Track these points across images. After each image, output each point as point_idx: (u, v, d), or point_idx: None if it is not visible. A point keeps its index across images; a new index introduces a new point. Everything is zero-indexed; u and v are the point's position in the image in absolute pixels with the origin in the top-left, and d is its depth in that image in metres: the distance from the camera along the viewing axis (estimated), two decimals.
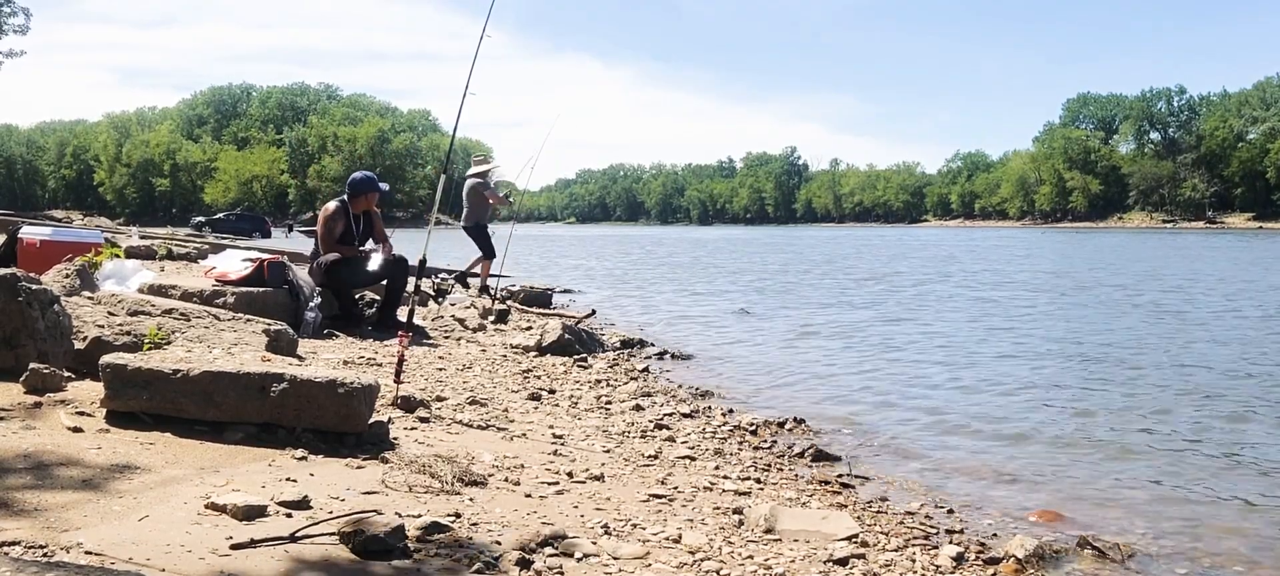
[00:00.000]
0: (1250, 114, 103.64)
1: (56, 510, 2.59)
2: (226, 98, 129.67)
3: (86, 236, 9.63)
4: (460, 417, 4.48)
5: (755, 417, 5.42)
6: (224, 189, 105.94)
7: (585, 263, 26.75)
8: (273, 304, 6.85)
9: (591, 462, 3.93)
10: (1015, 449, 4.96)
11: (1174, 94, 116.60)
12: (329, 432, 3.52)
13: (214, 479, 3.00)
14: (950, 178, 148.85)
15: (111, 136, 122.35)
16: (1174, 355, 8.38)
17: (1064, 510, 3.90)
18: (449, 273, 13.21)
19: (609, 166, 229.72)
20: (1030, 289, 16.76)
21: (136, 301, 5.31)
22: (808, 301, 14.20)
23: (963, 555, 3.16)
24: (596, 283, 18.44)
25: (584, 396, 5.67)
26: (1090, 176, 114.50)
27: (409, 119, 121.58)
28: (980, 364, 7.93)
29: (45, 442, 3.16)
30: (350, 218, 7.67)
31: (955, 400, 6.29)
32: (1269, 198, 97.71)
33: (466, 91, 5.37)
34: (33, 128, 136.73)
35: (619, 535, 2.94)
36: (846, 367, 7.70)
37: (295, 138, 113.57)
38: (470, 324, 8.48)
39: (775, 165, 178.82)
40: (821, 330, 10.36)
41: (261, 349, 4.89)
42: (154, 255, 11.99)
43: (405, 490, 3.10)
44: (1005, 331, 10.25)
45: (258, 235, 45.57)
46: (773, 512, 3.26)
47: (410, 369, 5.47)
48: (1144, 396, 6.46)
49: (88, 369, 4.06)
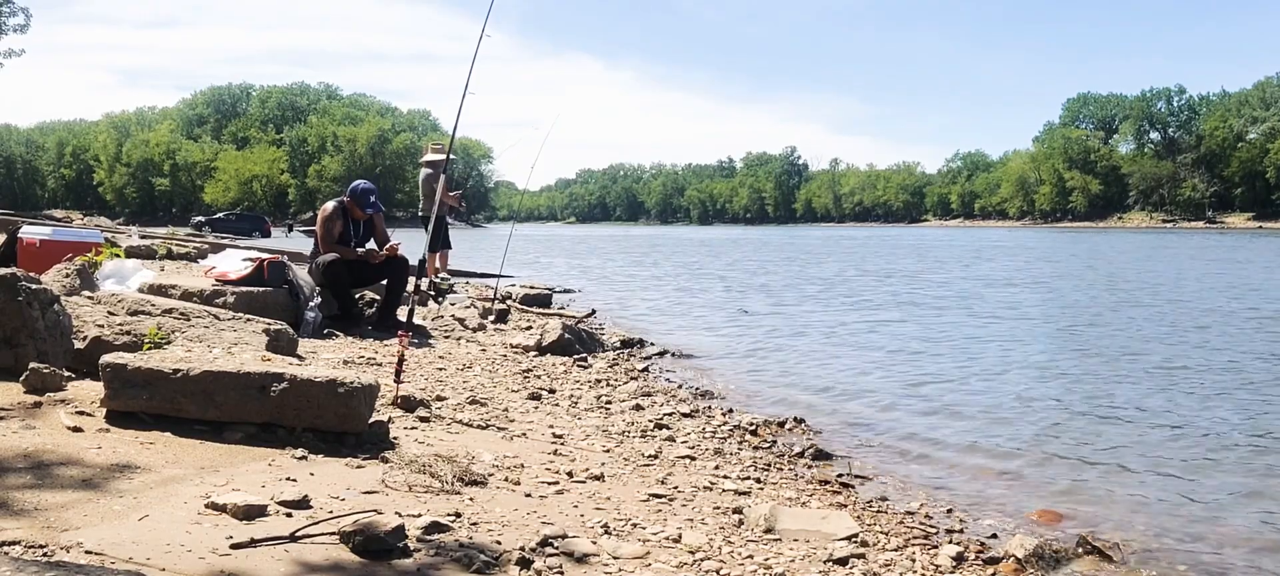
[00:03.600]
0: (1250, 114, 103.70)
1: (56, 510, 2.59)
2: (226, 97, 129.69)
3: (86, 236, 9.62)
4: (460, 417, 4.48)
5: (755, 417, 5.42)
6: (224, 189, 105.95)
7: (585, 262, 26.75)
8: (273, 304, 6.84)
9: (591, 462, 3.93)
10: (1015, 449, 4.96)
11: (1174, 94, 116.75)
12: (329, 432, 3.52)
13: (214, 478, 3.00)
14: (950, 178, 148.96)
15: (111, 136, 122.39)
16: (1175, 355, 8.38)
17: (1064, 510, 3.89)
18: (449, 274, 13.22)
19: (609, 166, 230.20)
20: (1031, 289, 16.77)
21: (136, 301, 5.31)
22: (808, 301, 14.19)
23: (963, 555, 3.16)
24: (596, 282, 18.43)
25: (584, 396, 5.67)
26: (1090, 176, 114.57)
27: (409, 119, 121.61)
28: (981, 363, 7.93)
29: (45, 442, 3.16)
30: (349, 218, 7.67)
31: (955, 400, 6.29)
32: (1269, 198, 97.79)
33: (466, 91, 5.38)
34: (32, 127, 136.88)
35: (619, 535, 2.94)
36: (847, 367, 7.70)
37: (295, 137, 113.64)
38: (470, 324, 8.48)
39: (775, 165, 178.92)
40: (821, 330, 10.36)
41: (261, 349, 4.88)
42: (154, 255, 11.96)
43: (405, 490, 3.10)
44: (1006, 331, 10.25)
45: (258, 235, 45.56)
46: (773, 512, 3.26)
47: (410, 369, 5.47)
48: (1144, 396, 6.46)
49: (88, 368, 4.07)
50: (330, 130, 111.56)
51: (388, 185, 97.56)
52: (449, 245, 12.32)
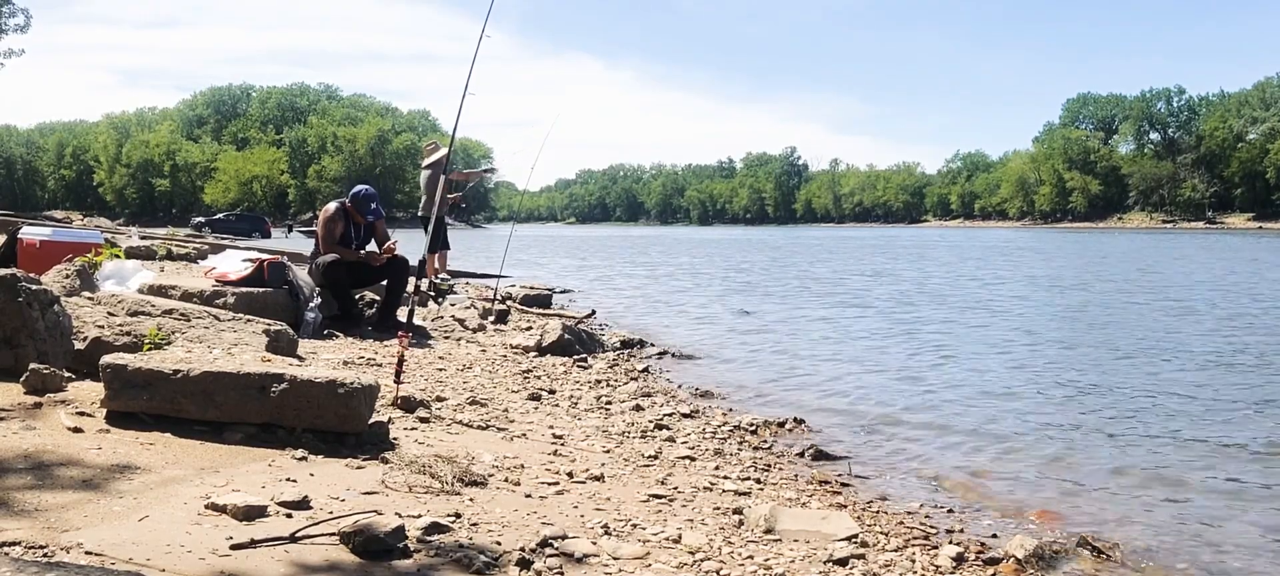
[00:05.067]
0: (1250, 114, 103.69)
1: (56, 510, 2.59)
2: (226, 98, 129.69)
3: (86, 237, 9.62)
4: (460, 418, 4.48)
5: (755, 418, 5.42)
6: (224, 189, 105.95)
7: (585, 262, 26.74)
8: (273, 304, 6.84)
9: (591, 463, 3.93)
10: (1015, 449, 4.96)
11: (1174, 94, 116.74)
12: (329, 433, 3.52)
13: (214, 479, 3.00)
14: (950, 178, 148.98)
15: (111, 137, 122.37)
16: (1175, 355, 8.37)
17: (1064, 510, 3.89)
18: (449, 274, 13.23)
19: (609, 166, 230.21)
20: (1031, 289, 16.76)
21: (136, 302, 5.31)
22: (808, 301, 14.20)
23: (963, 555, 3.16)
24: (596, 283, 18.43)
25: (584, 396, 5.67)
26: (1090, 177, 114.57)
27: (409, 119, 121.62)
28: (981, 364, 7.93)
29: (45, 443, 3.16)
30: (350, 220, 7.68)
31: (955, 400, 6.29)
32: (1269, 198, 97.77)
33: (466, 91, 5.37)
34: (32, 128, 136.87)
35: (619, 535, 2.94)
36: (846, 368, 7.70)
37: (295, 138, 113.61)
38: (470, 324, 8.48)
39: (775, 165, 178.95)
40: (821, 330, 10.36)
41: (261, 349, 4.88)
42: (154, 255, 11.98)
43: (405, 490, 3.10)
44: (1006, 331, 10.25)
45: (257, 235, 45.55)
46: (773, 513, 3.26)
47: (410, 369, 5.47)
48: (1145, 396, 6.45)
49: (88, 369, 4.07)
50: (330, 131, 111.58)
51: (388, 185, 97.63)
52: (448, 246, 12.35)
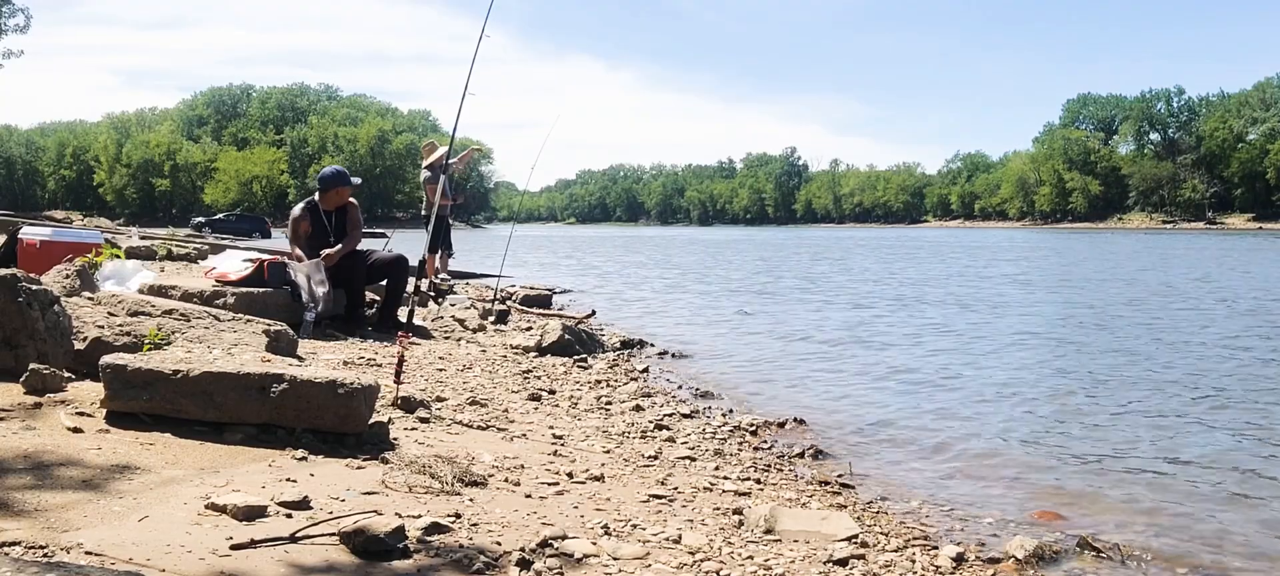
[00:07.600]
0: (1250, 115, 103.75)
1: (56, 510, 2.59)
2: (226, 98, 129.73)
3: (86, 237, 9.62)
4: (460, 418, 4.48)
5: (755, 418, 5.42)
6: (224, 189, 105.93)
7: (586, 263, 26.74)
8: (273, 304, 6.84)
9: (591, 463, 3.93)
10: (1015, 449, 4.96)
11: (1173, 95, 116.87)
12: (329, 433, 3.52)
13: (214, 479, 3.00)
14: (950, 178, 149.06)
15: (111, 137, 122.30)
16: (1175, 356, 8.37)
17: (1064, 510, 3.89)
18: (449, 275, 13.23)
19: (609, 167, 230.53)
20: (1031, 289, 16.76)
21: (136, 302, 5.31)
22: (808, 302, 14.19)
23: (963, 555, 3.16)
24: (597, 283, 18.43)
25: (584, 397, 5.67)
26: (1090, 177, 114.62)
27: (409, 119, 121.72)
28: (981, 364, 7.93)
29: (45, 443, 3.16)
30: (320, 217, 7.52)
31: (955, 400, 6.29)
32: (1269, 198, 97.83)
33: (466, 92, 5.37)
34: (33, 128, 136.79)
35: (619, 535, 2.94)
36: (847, 368, 7.70)
37: (295, 138, 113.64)
38: (470, 324, 8.48)
39: (775, 166, 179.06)
40: (822, 330, 10.36)
41: (261, 349, 4.88)
42: (154, 256, 12.00)
43: (405, 490, 3.10)
44: (1006, 331, 10.25)
45: (258, 235, 45.57)
46: (772, 513, 3.26)
47: (410, 369, 5.47)
48: (1145, 397, 6.45)
49: (88, 369, 4.06)
50: (330, 131, 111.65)
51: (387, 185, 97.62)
52: (451, 249, 12.29)
